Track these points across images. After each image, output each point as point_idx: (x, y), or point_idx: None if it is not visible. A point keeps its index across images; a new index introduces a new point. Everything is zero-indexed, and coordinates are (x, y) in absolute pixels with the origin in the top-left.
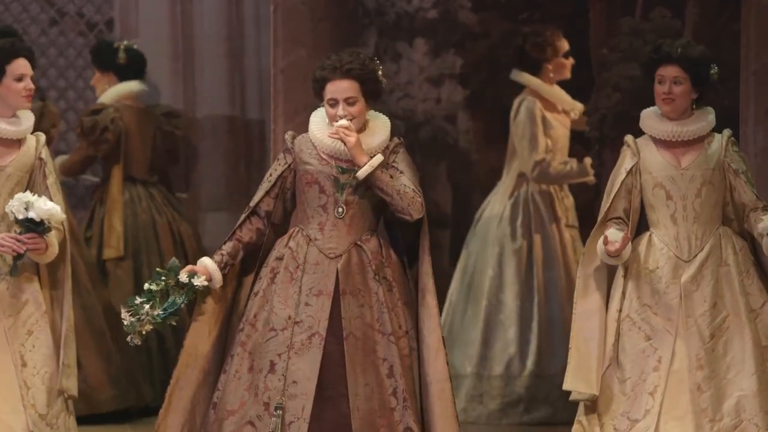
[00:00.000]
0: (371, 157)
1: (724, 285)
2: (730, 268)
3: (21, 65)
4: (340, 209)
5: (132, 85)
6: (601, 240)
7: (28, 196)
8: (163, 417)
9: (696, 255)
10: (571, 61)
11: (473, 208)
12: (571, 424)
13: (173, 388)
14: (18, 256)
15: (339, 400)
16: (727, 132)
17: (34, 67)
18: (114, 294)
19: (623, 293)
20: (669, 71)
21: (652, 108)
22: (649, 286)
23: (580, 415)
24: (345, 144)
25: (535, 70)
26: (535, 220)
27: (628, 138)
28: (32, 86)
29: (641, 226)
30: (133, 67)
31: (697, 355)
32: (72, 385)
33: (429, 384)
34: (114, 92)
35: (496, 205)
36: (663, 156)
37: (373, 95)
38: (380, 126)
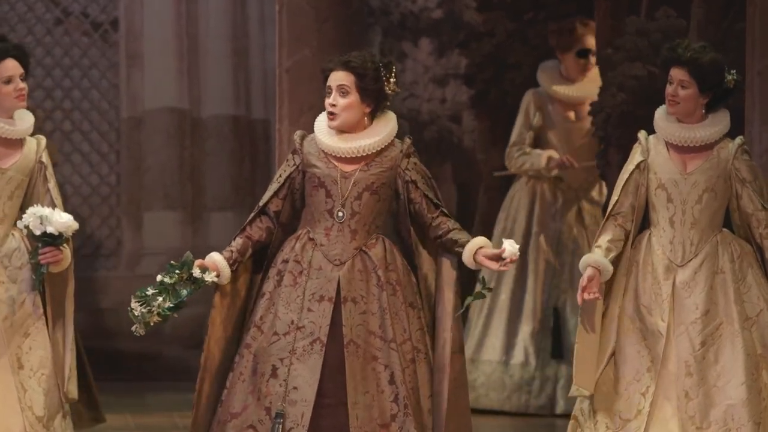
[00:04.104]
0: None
1: (718, 292)
2: (725, 275)
3: (8, 67)
4: (341, 213)
5: None
6: (584, 260)
7: (40, 210)
8: (194, 416)
9: (689, 261)
10: (590, 60)
11: (478, 207)
12: (514, 415)
13: (200, 387)
14: (40, 271)
15: (337, 408)
16: (739, 140)
17: (27, 65)
18: None
19: (624, 291)
20: (677, 73)
21: (664, 106)
22: (647, 286)
23: (577, 410)
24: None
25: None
26: (538, 214)
27: (641, 134)
28: (22, 86)
29: (644, 222)
30: None
31: (687, 362)
32: (73, 389)
33: (436, 364)
34: None
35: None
36: (670, 158)
37: (371, 94)
38: (382, 126)
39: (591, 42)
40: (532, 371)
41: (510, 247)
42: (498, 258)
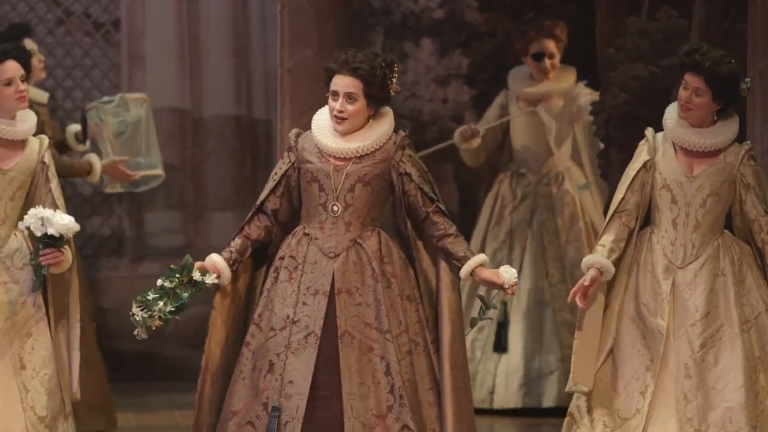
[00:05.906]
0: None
1: (719, 295)
2: (726, 278)
3: (8, 69)
4: (336, 207)
5: None
6: (586, 260)
7: (42, 211)
8: (196, 417)
9: (690, 263)
10: (545, 63)
11: (479, 206)
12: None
13: (201, 388)
14: (41, 272)
15: (332, 400)
16: (746, 145)
17: (28, 65)
18: None
19: (625, 289)
20: (693, 80)
21: (674, 106)
22: (647, 285)
23: (573, 407)
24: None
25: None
26: (496, 210)
27: (649, 132)
28: (23, 88)
29: (645, 218)
30: None
31: (686, 364)
32: (77, 389)
33: (441, 368)
34: None
35: None
36: (677, 159)
37: (376, 100)
38: (380, 124)
39: (547, 46)
40: (476, 365)
41: (507, 275)
42: (495, 285)
